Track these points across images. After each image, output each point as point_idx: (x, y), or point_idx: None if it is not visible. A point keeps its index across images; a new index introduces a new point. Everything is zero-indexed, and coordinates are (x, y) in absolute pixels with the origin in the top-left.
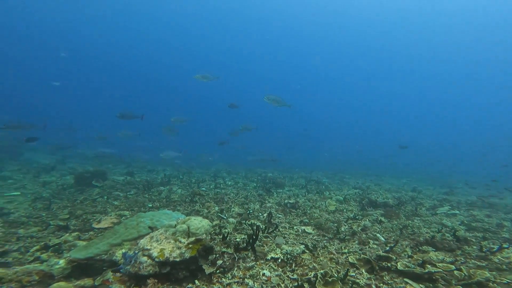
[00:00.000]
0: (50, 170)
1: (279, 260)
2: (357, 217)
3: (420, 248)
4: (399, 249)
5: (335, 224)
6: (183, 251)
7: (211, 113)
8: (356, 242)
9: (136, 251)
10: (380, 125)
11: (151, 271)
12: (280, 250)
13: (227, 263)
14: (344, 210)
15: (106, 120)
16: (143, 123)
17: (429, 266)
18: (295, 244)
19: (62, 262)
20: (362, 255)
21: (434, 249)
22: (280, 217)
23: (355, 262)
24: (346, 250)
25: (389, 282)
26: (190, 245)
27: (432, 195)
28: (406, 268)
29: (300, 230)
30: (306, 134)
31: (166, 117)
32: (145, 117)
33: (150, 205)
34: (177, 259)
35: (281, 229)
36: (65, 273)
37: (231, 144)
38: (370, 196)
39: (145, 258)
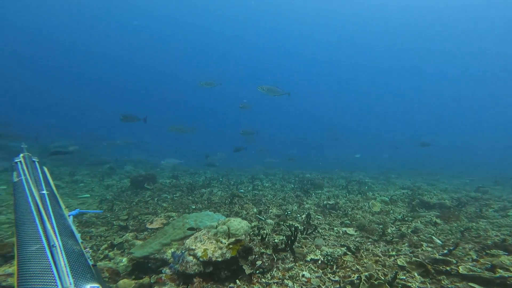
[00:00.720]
0: (111, 174)
1: (319, 262)
2: (406, 219)
3: (488, 251)
4: (460, 253)
5: (380, 226)
6: (224, 251)
7: (223, 113)
8: (406, 244)
9: (183, 251)
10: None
11: (196, 270)
12: (320, 251)
13: (266, 264)
14: (391, 211)
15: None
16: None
17: (500, 270)
18: (336, 246)
19: (125, 260)
20: (413, 258)
21: (506, 253)
22: (319, 218)
23: (405, 265)
24: (394, 253)
25: (449, 286)
26: (231, 246)
27: (502, 195)
28: (471, 272)
29: (341, 232)
30: (332, 135)
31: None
32: (148, 119)
33: (194, 207)
34: (219, 259)
35: (320, 231)
36: (128, 270)
37: (251, 147)
38: (421, 196)
39: (191, 258)
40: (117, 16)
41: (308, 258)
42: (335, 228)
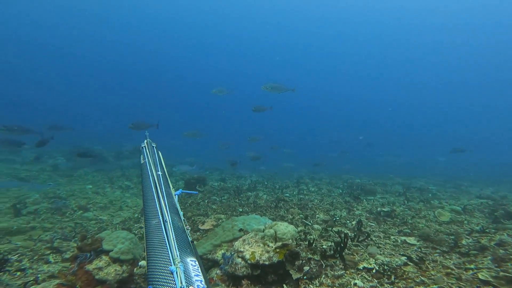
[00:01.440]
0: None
1: (374, 271)
2: (487, 230)
3: None
4: None
5: (451, 237)
6: (271, 255)
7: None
8: (489, 258)
9: (232, 253)
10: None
11: (245, 273)
12: (374, 260)
13: (314, 270)
14: (465, 222)
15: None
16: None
17: None
18: (394, 255)
19: None
20: (501, 273)
21: None
22: (372, 225)
23: (490, 279)
24: (472, 266)
25: None
26: (278, 250)
27: None
28: None
29: (399, 241)
30: (365, 141)
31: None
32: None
33: (241, 210)
34: (266, 263)
35: (374, 239)
36: None
37: (279, 150)
38: (507, 207)
39: (239, 260)
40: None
41: (361, 266)
42: (391, 237)
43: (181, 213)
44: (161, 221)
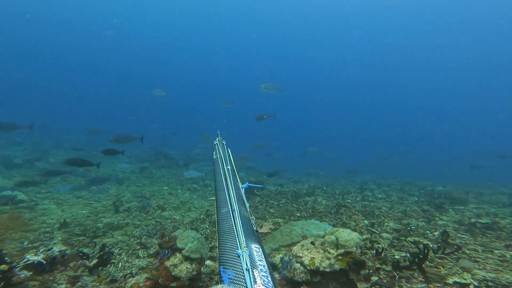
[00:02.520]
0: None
1: (472, 287)
2: None
3: None
4: None
5: None
6: (333, 262)
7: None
8: None
9: (291, 257)
10: None
11: (304, 278)
12: (470, 275)
13: (385, 281)
14: None
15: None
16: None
17: None
18: (501, 271)
19: None
20: None
21: None
22: (464, 237)
23: None
24: None
25: None
26: (340, 257)
27: None
28: None
29: (508, 256)
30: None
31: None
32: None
33: (299, 214)
34: (327, 270)
35: (467, 252)
36: None
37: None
38: None
39: (298, 265)
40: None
41: (450, 281)
42: (495, 251)
43: (247, 204)
44: (230, 210)
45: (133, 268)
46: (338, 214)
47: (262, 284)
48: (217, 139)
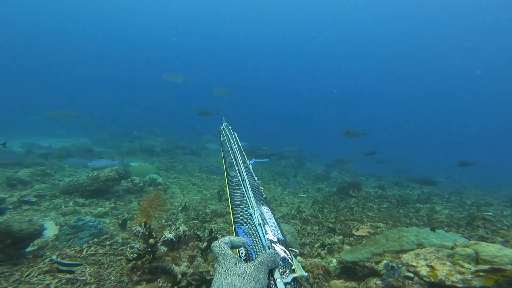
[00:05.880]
0: (322, 179)
1: None
2: None
3: None
4: None
5: None
6: (469, 278)
7: None
8: None
9: (399, 265)
10: None
11: None
12: None
13: None
14: None
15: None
16: None
17: None
18: None
19: (334, 261)
20: None
21: None
22: None
23: None
24: None
25: None
26: (481, 273)
27: None
28: None
29: None
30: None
31: None
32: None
33: (408, 221)
34: (459, 285)
35: None
36: (337, 272)
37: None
38: None
39: (411, 275)
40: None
41: None
42: None
43: (255, 177)
44: (240, 180)
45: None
46: (471, 227)
47: (273, 235)
48: (223, 124)
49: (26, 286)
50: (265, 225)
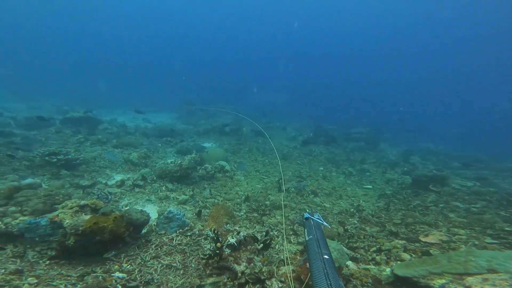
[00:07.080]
0: (394, 167)
1: None
2: None
3: None
4: None
5: None
6: None
7: None
8: None
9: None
10: None
11: None
12: None
13: None
14: None
15: None
16: None
17: None
18: None
19: (388, 270)
20: None
21: None
22: None
23: None
24: None
25: None
26: None
27: None
28: None
29: None
30: None
31: None
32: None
33: (508, 228)
34: None
35: None
36: (389, 280)
37: None
38: None
39: None
40: None
41: None
42: None
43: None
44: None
45: (287, 254)
46: None
47: None
48: (307, 214)
49: (145, 268)
50: None
